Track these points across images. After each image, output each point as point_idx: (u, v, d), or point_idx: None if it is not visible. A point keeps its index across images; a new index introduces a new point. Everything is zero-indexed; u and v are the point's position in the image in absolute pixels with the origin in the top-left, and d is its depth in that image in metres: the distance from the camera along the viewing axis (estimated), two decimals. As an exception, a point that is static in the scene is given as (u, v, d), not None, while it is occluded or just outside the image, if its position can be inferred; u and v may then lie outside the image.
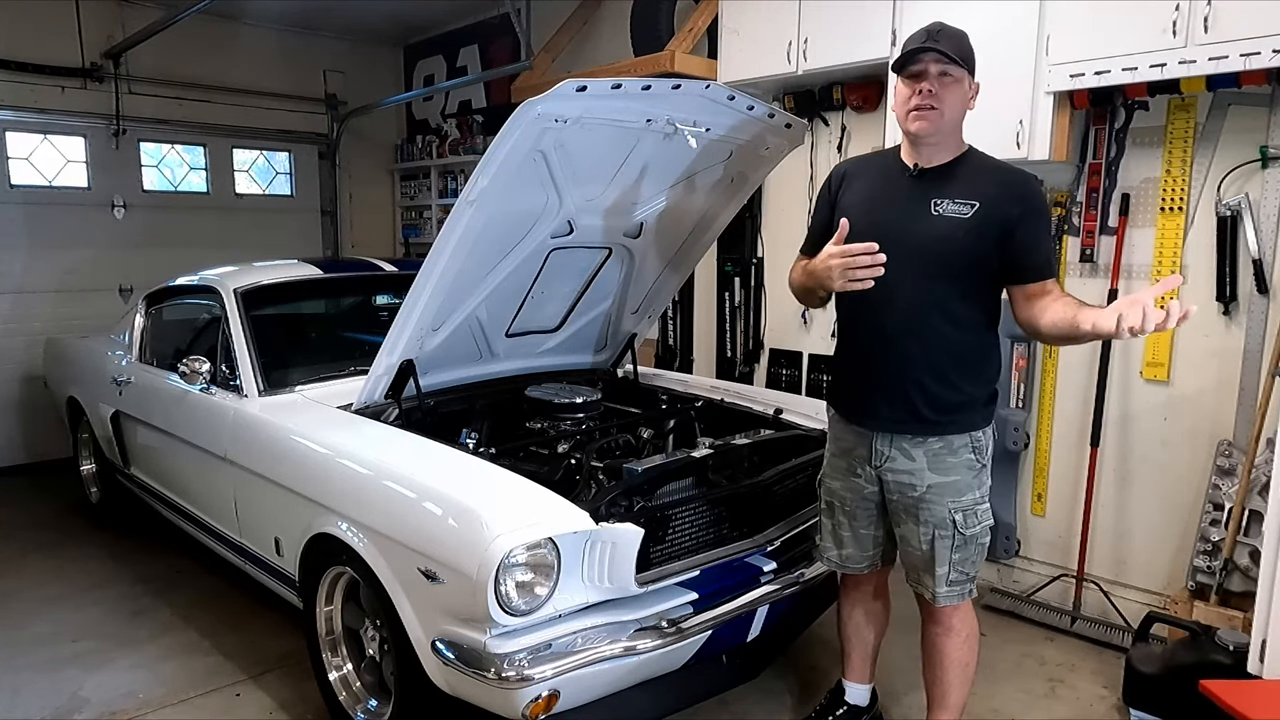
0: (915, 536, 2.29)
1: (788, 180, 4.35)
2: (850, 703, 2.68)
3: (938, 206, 2.17)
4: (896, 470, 2.28)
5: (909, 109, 2.17)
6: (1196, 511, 3.23)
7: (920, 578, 2.33)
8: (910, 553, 2.33)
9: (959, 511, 2.24)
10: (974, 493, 2.26)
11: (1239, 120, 3.10)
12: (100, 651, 3.31)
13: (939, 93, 2.13)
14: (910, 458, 2.25)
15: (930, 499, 2.25)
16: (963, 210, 2.15)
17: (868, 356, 2.30)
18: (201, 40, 6.16)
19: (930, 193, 2.19)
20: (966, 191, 2.16)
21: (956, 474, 2.24)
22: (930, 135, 2.17)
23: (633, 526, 2.19)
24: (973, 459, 2.25)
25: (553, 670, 2.04)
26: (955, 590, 2.29)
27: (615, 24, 5.19)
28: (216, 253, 5.34)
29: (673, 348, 5.17)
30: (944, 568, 2.26)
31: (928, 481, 2.24)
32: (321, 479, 2.61)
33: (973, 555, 2.29)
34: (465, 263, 2.66)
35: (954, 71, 2.13)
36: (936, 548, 2.25)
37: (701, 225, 3.25)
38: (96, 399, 4.32)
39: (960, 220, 2.15)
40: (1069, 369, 3.61)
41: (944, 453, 2.24)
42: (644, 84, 2.41)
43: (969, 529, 2.25)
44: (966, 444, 2.24)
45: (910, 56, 2.15)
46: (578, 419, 3.06)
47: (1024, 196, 2.16)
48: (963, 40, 2.17)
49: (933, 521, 2.25)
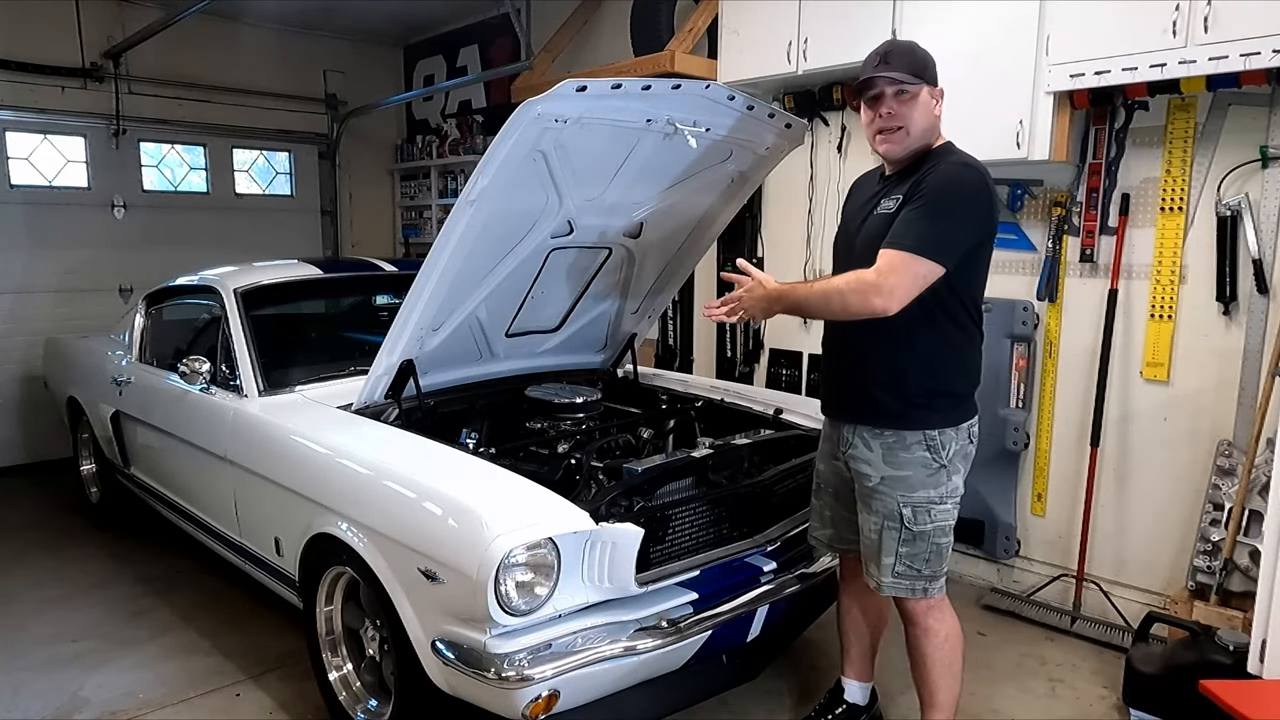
0: (867, 525, 2.34)
1: (788, 180, 4.36)
2: (849, 701, 2.69)
3: (878, 208, 2.27)
4: (857, 459, 2.34)
5: (874, 131, 2.25)
6: (1196, 511, 3.23)
7: (868, 566, 2.37)
8: (864, 541, 2.37)
9: (908, 506, 2.26)
10: (928, 491, 2.26)
11: (1239, 120, 3.10)
12: (100, 651, 3.31)
13: (898, 111, 2.20)
14: (869, 448, 2.31)
15: (883, 490, 2.29)
16: (890, 206, 2.23)
17: (830, 353, 2.44)
18: (201, 40, 6.17)
19: (880, 196, 2.30)
20: (900, 188, 2.23)
21: (909, 469, 2.26)
22: (898, 154, 2.25)
23: (633, 526, 2.19)
24: (927, 457, 2.25)
25: (553, 670, 2.04)
26: (903, 584, 2.30)
27: (615, 24, 5.20)
28: (216, 253, 5.35)
29: (673, 348, 5.17)
30: (890, 558, 2.29)
31: (881, 473, 2.29)
32: (321, 479, 2.61)
33: (924, 553, 2.28)
34: (465, 263, 2.66)
35: (909, 88, 2.19)
36: (884, 538, 2.29)
37: (701, 225, 3.25)
38: (96, 399, 4.32)
39: (886, 215, 2.22)
40: (1069, 369, 3.61)
41: (896, 447, 2.27)
42: (644, 84, 2.42)
43: (919, 525, 2.26)
44: (920, 441, 2.25)
45: (865, 82, 2.21)
46: (578, 419, 3.06)
47: (926, 181, 2.15)
48: (913, 54, 2.22)
49: (882, 512, 2.29)
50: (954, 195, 2.13)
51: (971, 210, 2.16)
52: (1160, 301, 3.31)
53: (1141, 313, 3.37)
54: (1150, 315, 3.34)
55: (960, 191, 2.15)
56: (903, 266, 2.07)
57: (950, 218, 2.12)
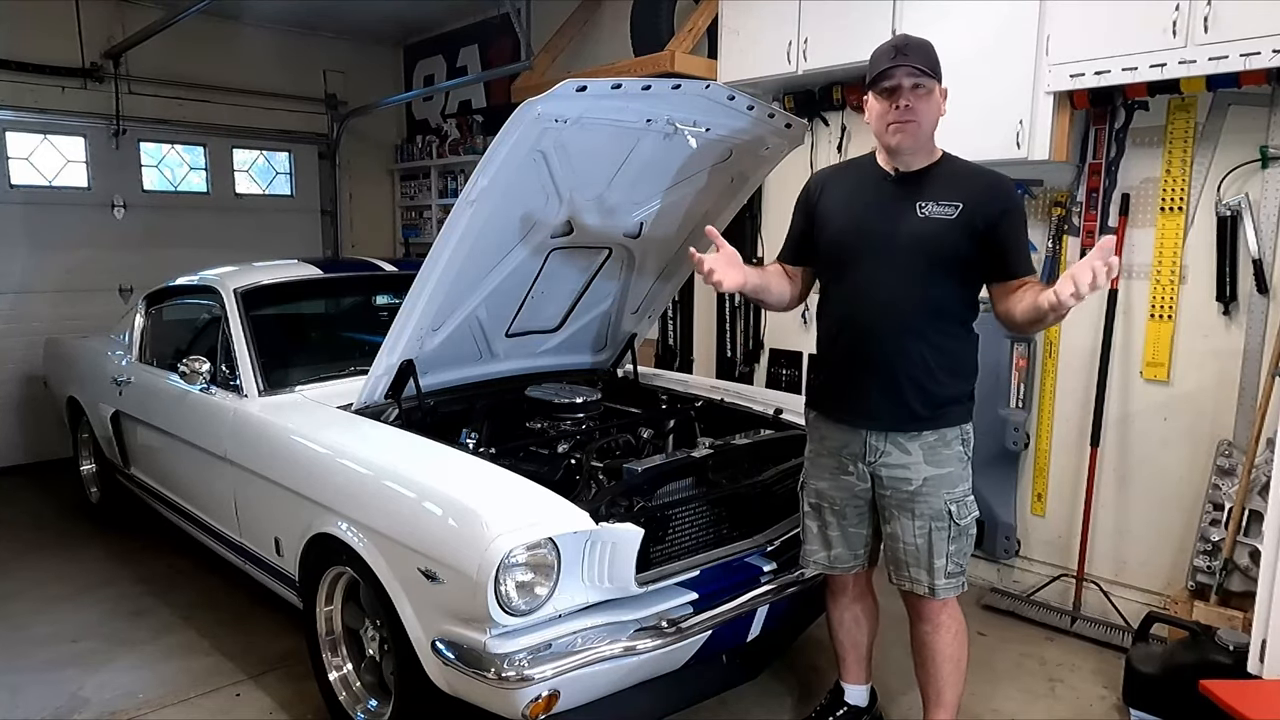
0: (909, 531, 2.31)
1: (788, 180, 4.32)
2: (850, 703, 2.68)
3: (923, 209, 2.24)
4: (891, 465, 2.31)
5: (887, 123, 2.24)
6: (1196, 511, 3.23)
7: (913, 574, 2.34)
8: (903, 549, 2.34)
9: (954, 503, 2.29)
10: (964, 485, 2.33)
11: (1239, 120, 3.10)
12: (100, 651, 3.31)
13: (914, 105, 2.20)
14: (906, 451, 2.29)
15: (926, 492, 2.29)
16: (948, 211, 2.22)
17: (857, 356, 2.32)
18: (201, 40, 6.16)
19: (914, 196, 2.27)
20: (949, 194, 2.24)
21: (950, 466, 2.29)
22: (910, 147, 2.25)
23: (633, 526, 2.19)
24: (962, 451, 2.32)
25: (553, 670, 2.04)
26: (953, 583, 2.33)
27: (615, 24, 5.19)
28: (216, 253, 5.34)
29: (673, 348, 5.17)
30: (942, 559, 2.30)
31: (924, 474, 2.28)
32: (321, 479, 2.61)
33: (966, 547, 2.34)
34: (465, 263, 2.66)
35: (925, 83, 2.20)
36: (934, 540, 2.29)
37: (701, 225, 3.24)
38: (96, 399, 4.32)
39: (946, 220, 2.22)
40: (1069, 369, 3.61)
41: (939, 445, 2.28)
42: (644, 84, 2.41)
43: (963, 519, 2.31)
44: (958, 436, 2.31)
45: (883, 73, 2.20)
46: (578, 419, 3.06)
47: (1005, 196, 2.27)
48: (930, 51, 2.24)
49: (929, 514, 2.29)
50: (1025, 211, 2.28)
51: None
52: (1160, 301, 3.31)
53: (1141, 313, 3.37)
54: (1150, 315, 3.34)
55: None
56: None
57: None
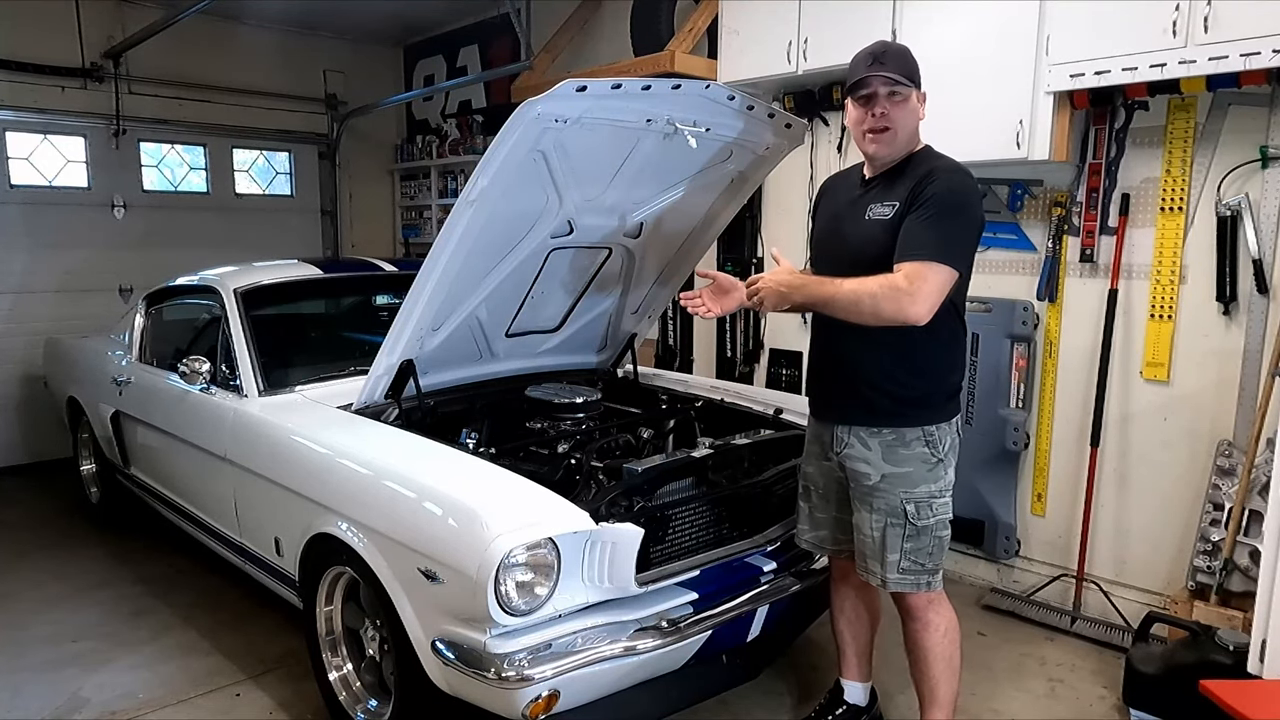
0: (867, 524, 2.33)
1: (788, 180, 4.35)
2: (849, 702, 2.69)
3: (870, 212, 2.27)
4: (853, 458, 2.33)
5: (864, 130, 2.26)
6: (1196, 511, 3.23)
7: (869, 565, 2.36)
8: (862, 540, 2.36)
9: (911, 503, 2.28)
10: (928, 485, 2.29)
11: (1239, 120, 3.10)
12: (100, 651, 3.31)
13: (890, 113, 2.21)
14: (867, 447, 2.31)
15: (884, 488, 2.29)
16: (885, 212, 2.24)
17: (824, 355, 2.42)
18: (201, 40, 6.17)
19: (869, 199, 2.30)
20: (893, 194, 2.24)
21: (910, 465, 2.28)
22: (885, 155, 2.27)
23: (633, 526, 2.19)
24: (926, 452, 2.29)
25: (553, 670, 2.04)
26: (909, 579, 2.32)
27: (615, 24, 5.20)
28: (216, 253, 5.35)
29: (673, 348, 5.17)
30: (895, 554, 2.30)
31: (883, 471, 2.29)
32: (321, 479, 2.61)
33: (928, 546, 2.31)
34: (465, 263, 2.66)
35: (902, 90, 2.21)
36: (888, 535, 2.29)
37: (701, 225, 3.25)
38: (96, 399, 4.32)
39: (883, 221, 2.23)
40: (1069, 369, 3.61)
41: (896, 444, 2.28)
42: (644, 84, 2.42)
43: (922, 520, 2.29)
44: (919, 437, 2.28)
45: (860, 81, 2.22)
46: (578, 419, 3.06)
47: (924, 187, 2.17)
48: (906, 57, 2.25)
49: (885, 509, 2.30)
50: (959, 201, 2.17)
51: (974, 215, 2.23)
52: (1160, 301, 3.31)
53: (1141, 313, 3.37)
54: (1150, 315, 3.34)
55: (965, 197, 2.19)
56: (930, 275, 2.08)
57: (958, 223, 2.17)
